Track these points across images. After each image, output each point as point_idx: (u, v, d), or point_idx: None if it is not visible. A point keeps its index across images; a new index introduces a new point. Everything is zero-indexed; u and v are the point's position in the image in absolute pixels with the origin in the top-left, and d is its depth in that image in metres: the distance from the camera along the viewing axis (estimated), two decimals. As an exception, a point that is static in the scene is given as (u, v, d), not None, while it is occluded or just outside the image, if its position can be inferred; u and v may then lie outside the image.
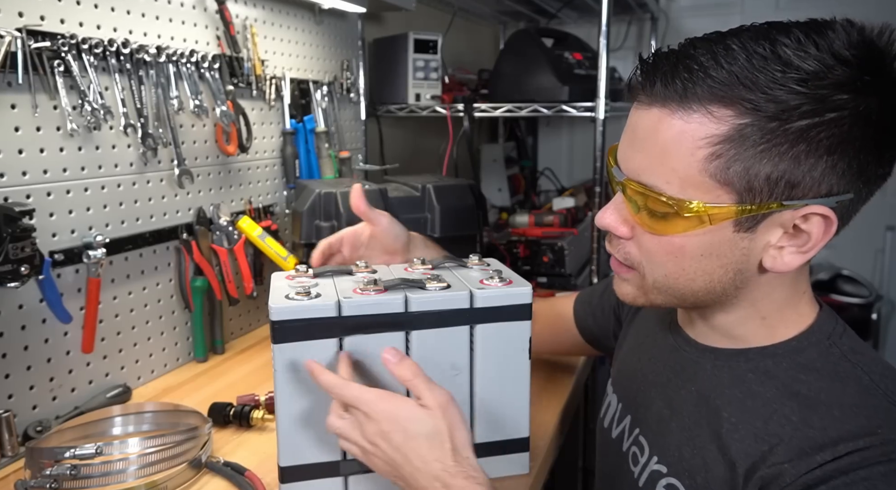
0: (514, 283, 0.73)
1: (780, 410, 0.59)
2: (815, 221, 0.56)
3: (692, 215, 0.56)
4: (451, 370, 0.71)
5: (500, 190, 2.31)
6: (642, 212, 0.59)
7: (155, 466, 0.81)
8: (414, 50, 1.72)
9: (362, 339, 0.67)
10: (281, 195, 1.47)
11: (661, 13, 2.44)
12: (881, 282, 2.39)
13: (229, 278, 1.24)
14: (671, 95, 0.55)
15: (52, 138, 0.95)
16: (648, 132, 0.57)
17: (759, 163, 0.53)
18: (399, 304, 0.67)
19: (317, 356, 0.66)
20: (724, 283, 0.60)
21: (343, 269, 0.78)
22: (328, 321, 0.65)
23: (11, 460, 0.87)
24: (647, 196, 0.57)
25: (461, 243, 1.28)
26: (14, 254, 0.85)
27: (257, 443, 0.94)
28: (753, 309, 0.63)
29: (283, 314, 0.65)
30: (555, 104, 1.59)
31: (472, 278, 0.74)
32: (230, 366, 1.22)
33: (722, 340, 0.67)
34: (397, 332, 0.68)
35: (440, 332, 0.69)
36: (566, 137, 2.82)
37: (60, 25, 0.95)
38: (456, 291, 0.70)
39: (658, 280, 0.62)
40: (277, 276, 0.77)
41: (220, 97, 1.21)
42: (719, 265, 0.59)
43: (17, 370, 0.92)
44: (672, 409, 0.69)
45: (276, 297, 0.68)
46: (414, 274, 0.76)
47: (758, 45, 0.52)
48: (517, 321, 0.71)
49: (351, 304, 0.66)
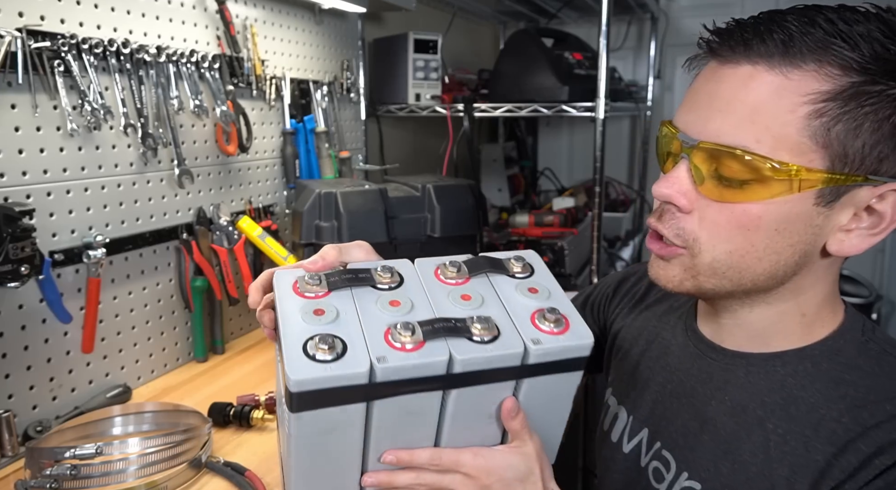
0: (572, 327, 0.60)
1: (828, 415, 0.56)
2: (891, 200, 0.53)
3: (782, 179, 0.52)
4: (487, 419, 0.61)
5: (500, 190, 2.31)
6: (711, 180, 0.55)
7: (155, 466, 0.81)
8: (414, 50, 1.72)
9: (393, 401, 0.57)
10: (281, 195, 1.47)
11: (661, 13, 2.44)
12: (881, 282, 2.39)
13: (229, 278, 1.24)
14: (771, 50, 0.52)
15: (52, 138, 0.95)
16: (735, 90, 0.53)
17: (860, 127, 0.51)
18: (441, 365, 0.56)
19: (341, 421, 0.56)
20: (787, 266, 0.57)
21: (361, 276, 0.62)
22: (357, 388, 0.55)
23: (11, 460, 0.87)
24: (729, 158, 0.53)
25: (461, 243, 1.28)
26: (14, 254, 0.85)
27: (257, 443, 0.94)
28: (795, 303, 0.60)
29: (305, 385, 0.53)
30: (555, 104, 1.59)
31: (519, 307, 0.61)
32: (230, 366, 1.22)
33: (751, 343, 0.63)
34: (434, 392, 0.58)
35: (482, 388, 0.59)
36: (566, 137, 2.82)
37: (60, 25, 0.95)
38: (507, 347, 0.57)
39: (718, 258, 0.57)
40: (282, 287, 0.60)
41: (220, 97, 1.21)
42: (789, 244, 0.55)
43: (17, 370, 0.92)
44: (702, 421, 0.65)
45: (292, 347, 0.54)
46: (451, 297, 0.61)
47: (851, 10, 0.51)
48: (570, 372, 0.61)
49: (386, 370, 0.54)
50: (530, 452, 0.60)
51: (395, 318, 0.58)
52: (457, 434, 0.60)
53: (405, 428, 0.59)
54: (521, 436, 0.60)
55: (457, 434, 0.60)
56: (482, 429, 0.61)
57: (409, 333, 0.55)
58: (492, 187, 2.29)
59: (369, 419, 0.57)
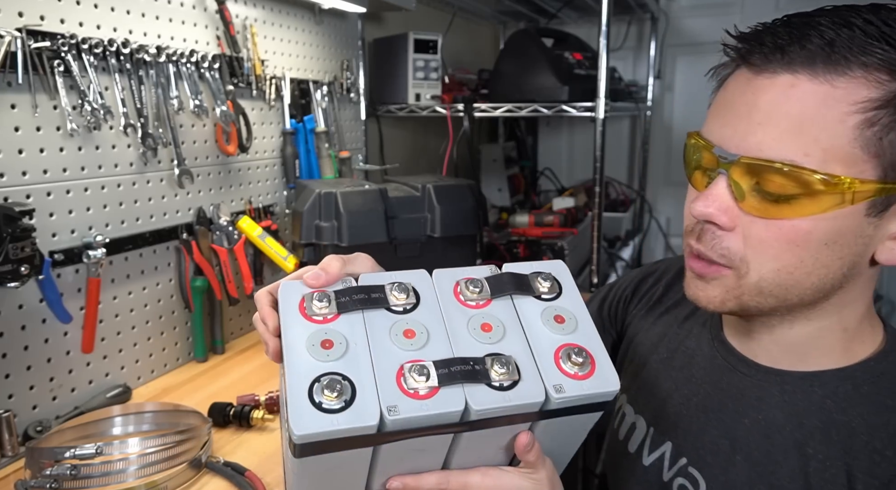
0: (597, 371, 0.55)
1: (870, 443, 0.54)
2: None
3: (834, 193, 0.49)
4: (498, 449, 0.59)
5: (500, 190, 2.31)
6: (752, 196, 0.52)
7: (155, 466, 0.81)
8: (414, 50, 1.72)
9: (402, 443, 0.53)
10: (281, 195, 1.47)
11: (661, 13, 2.44)
12: (881, 282, 2.39)
13: (229, 278, 1.24)
14: (811, 58, 0.49)
15: (52, 138, 0.95)
16: (776, 101, 0.50)
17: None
18: (456, 415, 0.52)
19: (346, 462, 0.53)
20: (836, 279, 0.54)
21: (374, 296, 0.57)
22: (367, 437, 0.51)
23: (11, 460, 0.87)
24: (775, 173, 0.50)
25: (461, 243, 1.28)
26: (14, 254, 0.85)
27: (257, 443, 0.94)
28: (837, 318, 0.58)
29: (310, 438, 0.49)
30: (555, 104, 1.59)
31: (544, 341, 0.56)
32: (230, 366, 1.22)
33: (786, 360, 0.61)
34: (446, 435, 0.54)
35: (496, 429, 0.55)
36: (566, 137, 2.82)
37: (60, 25, 0.95)
38: (527, 396, 0.53)
39: (766, 277, 0.54)
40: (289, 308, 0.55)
41: (220, 97, 1.21)
42: (839, 257, 0.53)
43: (17, 370, 0.92)
44: (733, 440, 0.62)
45: (296, 391, 0.50)
46: (470, 326, 0.57)
47: (886, 10, 0.49)
48: (590, 413, 0.57)
49: (396, 422, 0.50)
50: (542, 478, 0.57)
51: (409, 354, 0.53)
52: (465, 463, 0.58)
53: (413, 460, 0.57)
54: (535, 464, 0.57)
55: (465, 463, 0.58)
56: (492, 456, 0.59)
57: (424, 378, 0.51)
58: (492, 187, 2.29)
59: (376, 455, 0.54)
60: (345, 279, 0.58)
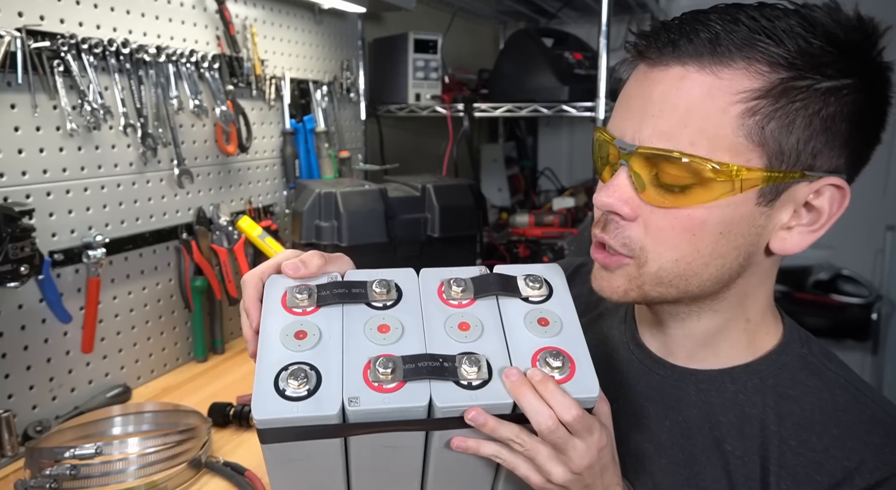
0: (577, 374, 0.53)
1: (779, 433, 0.57)
2: (827, 195, 0.54)
3: (723, 181, 0.51)
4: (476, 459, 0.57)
5: (500, 190, 2.31)
6: (652, 187, 0.54)
7: (155, 466, 0.81)
8: (414, 50, 1.72)
9: (369, 437, 0.53)
10: (281, 195, 1.47)
11: (661, 13, 2.44)
12: (881, 282, 2.39)
13: (229, 278, 1.24)
14: (699, 50, 0.51)
15: (51, 138, 0.95)
16: (667, 93, 0.53)
17: (793, 124, 0.51)
18: (420, 410, 0.51)
19: (315, 452, 0.53)
20: (733, 269, 0.56)
21: (354, 291, 0.57)
22: (329, 428, 0.51)
23: (11, 460, 0.87)
24: (669, 163, 0.52)
25: (461, 243, 1.28)
26: (14, 254, 0.85)
27: (257, 443, 0.93)
28: (741, 309, 0.60)
29: (270, 423, 0.50)
30: (555, 104, 1.59)
31: (522, 343, 0.55)
32: (230, 366, 1.22)
33: (700, 354, 0.62)
34: (416, 432, 0.53)
35: (468, 430, 0.53)
36: (566, 137, 2.81)
37: (60, 25, 0.95)
38: (495, 397, 0.51)
39: (665, 267, 0.56)
40: (272, 299, 0.56)
41: (219, 97, 1.21)
42: (734, 246, 0.55)
43: (17, 370, 0.92)
44: (657, 443, 0.62)
45: (263, 378, 0.51)
46: (447, 324, 0.56)
47: (771, 7, 0.51)
48: None
49: (357, 413, 0.50)
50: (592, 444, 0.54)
51: (381, 348, 0.53)
52: (446, 466, 0.57)
53: (387, 459, 0.56)
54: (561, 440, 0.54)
55: (446, 466, 0.57)
56: (475, 462, 0.57)
57: (390, 371, 0.51)
58: (492, 187, 2.29)
59: (347, 449, 0.54)
60: (331, 275, 0.58)
